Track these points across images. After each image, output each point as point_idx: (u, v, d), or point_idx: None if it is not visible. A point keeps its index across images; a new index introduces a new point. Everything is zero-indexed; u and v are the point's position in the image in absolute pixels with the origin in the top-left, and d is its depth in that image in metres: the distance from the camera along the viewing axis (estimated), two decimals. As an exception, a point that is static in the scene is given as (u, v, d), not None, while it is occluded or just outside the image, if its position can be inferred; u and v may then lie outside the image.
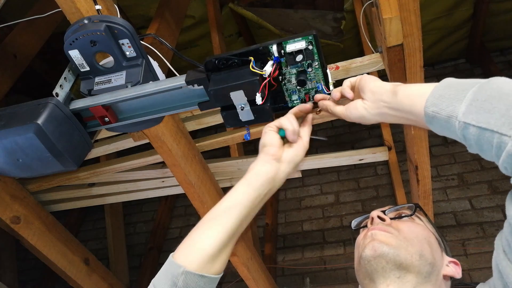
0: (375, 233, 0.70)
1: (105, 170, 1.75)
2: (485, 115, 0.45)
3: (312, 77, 0.76)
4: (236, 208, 0.63)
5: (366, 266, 0.68)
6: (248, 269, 1.70)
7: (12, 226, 1.39)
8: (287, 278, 2.65)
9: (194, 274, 0.58)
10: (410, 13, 0.99)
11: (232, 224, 0.62)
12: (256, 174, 0.66)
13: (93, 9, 0.89)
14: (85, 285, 1.68)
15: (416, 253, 0.65)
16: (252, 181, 0.66)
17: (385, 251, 0.66)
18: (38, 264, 1.84)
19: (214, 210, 0.65)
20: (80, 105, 0.84)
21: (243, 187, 0.66)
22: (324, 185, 2.99)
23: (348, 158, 1.91)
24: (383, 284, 0.65)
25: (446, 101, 0.50)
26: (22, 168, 0.81)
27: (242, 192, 0.65)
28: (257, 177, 0.66)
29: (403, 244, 0.67)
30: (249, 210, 0.64)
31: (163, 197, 3.17)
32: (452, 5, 2.77)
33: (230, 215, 0.63)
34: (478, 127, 0.46)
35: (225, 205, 0.64)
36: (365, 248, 0.69)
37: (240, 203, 0.64)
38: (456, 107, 0.49)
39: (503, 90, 0.45)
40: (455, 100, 0.49)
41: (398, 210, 0.78)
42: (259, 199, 0.65)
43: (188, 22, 2.80)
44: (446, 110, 0.50)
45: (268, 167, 0.67)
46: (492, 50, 3.17)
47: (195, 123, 1.66)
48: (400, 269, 0.65)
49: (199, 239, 0.62)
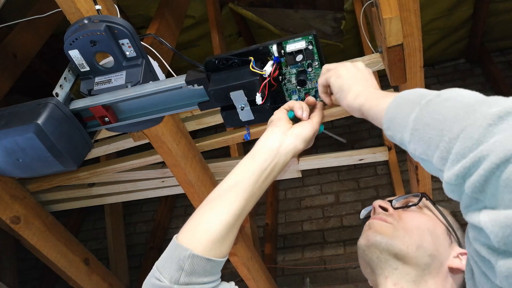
0: (372, 222, 0.69)
1: (105, 170, 1.75)
2: (423, 146, 0.43)
3: (312, 77, 0.76)
4: (240, 184, 0.61)
5: (362, 255, 0.67)
6: (248, 269, 1.70)
7: (12, 226, 1.39)
8: (287, 278, 2.65)
9: (201, 258, 0.56)
10: (410, 13, 0.99)
11: (238, 203, 0.60)
12: (259, 147, 0.65)
13: (93, 9, 0.89)
14: (85, 285, 1.68)
15: (413, 244, 0.64)
16: (256, 154, 0.64)
17: (378, 240, 0.65)
18: (38, 264, 1.84)
19: (218, 189, 0.63)
20: (80, 105, 0.84)
21: (247, 161, 0.64)
22: (324, 185, 2.99)
23: (348, 158, 1.91)
24: (382, 275, 0.64)
25: (395, 127, 0.49)
26: (22, 168, 0.81)
27: (246, 167, 0.63)
28: (261, 149, 0.64)
29: (399, 234, 0.65)
30: (255, 187, 0.62)
31: (163, 197, 3.16)
32: (452, 5, 2.78)
33: (236, 193, 0.61)
34: (420, 158, 0.45)
35: (230, 182, 0.63)
36: (360, 237, 0.68)
37: (245, 179, 0.62)
38: (403, 135, 0.47)
39: (438, 114, 0.42)
40: (402, 126, 0.47)
41: (406, 199, 0.76)
42: (265, 174, 0.63)
43: (188, 22, 2.80)
44: (397, 136, 0.49)
45: (272, 139, 0.65)
46: (492, 50, 3.17)
47: (195, 123, 1.66)
48: (397, 260, 0.63)
49: (205, 220, 0.59)
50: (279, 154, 0.64)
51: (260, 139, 0.66)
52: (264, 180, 0.63)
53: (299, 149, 0.66)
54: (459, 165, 0.37)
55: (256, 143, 0.66)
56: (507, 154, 0.33)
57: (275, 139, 0.65)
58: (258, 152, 0.64)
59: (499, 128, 0.35)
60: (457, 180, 0.38)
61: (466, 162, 0.36)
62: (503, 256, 0.33)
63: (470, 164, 0.36)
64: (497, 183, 0.34)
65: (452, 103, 0.41)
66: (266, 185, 0.64)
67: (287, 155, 0.65)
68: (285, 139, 0.65)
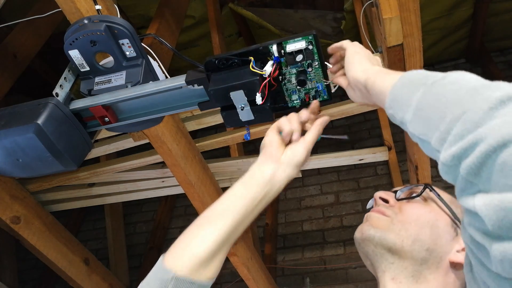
0: (369, 215, 0.68)
1: (105, 170, 1.75)
2: (424, 126, 0.43)
3: (312, 77, 0.76)
4: (231, 211, 0.62)
5: (359, 248, 0.66)
6: (248, 269, 1.70)
7: (12, 226, 1.39)
8: (287, 278, 2.65)
9: (184, 280, 0.56)
10: (410, 13, 0.99)
11: (227, 228, 0.61)
12: (252, 175, 0.65)
13: (93, 9, 0.89)
14: (85, 285, 1.68)
15: (409, 238, 0.62)
16: (248, 183, 0.64)
17: (372, 234, 0.63)
18: (38, 264, 1.84)
19: (208, 212, 0.63)
20: (80, 105, 0.84)
21: (238, 188, 0.64)
22: (324, 185, 2.99)
23: (348, 158, 1.91)
24: (379, 269, 0.64)
25: (398, 106, 0.49)
26: (22, 168, 0.81)
27: (238, 194, 0.63)
28: (253, 178, 0.64)
29: (395, 227, 0.63)
30: (245, 214, 0.62)
31: (163, 197, 3.17)
32: (452, 5, 2.78)
33: (225, 218, 0.61)
34: (419, 138, 0.45)
35: (220, 207, 0.63)
36: (356, 230, 0.67)
37: (235, 206, 0.62)
38: (405, 114, 0.47)
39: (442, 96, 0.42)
40: (405, 105, 0.47)
41: (410, 190, 0.73)
42: (255, 202, 0.63)
43: (188, 22, 2.80)
44: (398, 115, 0.49)
45: (264, 168, 0.65)
46: (492, 50, 3.17)
47: (195, 123, 1.66)
48: (392, 254, 0.62)
49: (192, 242, 0.60)
50: (272, 184, 0.65)
51: (254, 166, 0.66)
52: (255, 207, 0.64)
53: (292, 176, 0.67)
54: (456, 146, 0.37)
55: (250, 169, 0.66)
56: (505, 138, 0.33)
57: (267, 169, 0.65)
58: (250, 181, 0.64)
59: (499, 112, 0.35)
60: (453, 161, 0.38)
61: (463, 144, 0.36)
62: (497, 240, 0.33)
63: (467, 146, 0.36)
64: (493, 166, 0.33)
65: (457, 86, 0.42)
66: (258, 211, 0.65)
67: (280, 184, 0.66)
68: (278, 169, 0.65)
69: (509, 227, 0.32)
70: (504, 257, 0.32)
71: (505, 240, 0.32)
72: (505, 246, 0.32)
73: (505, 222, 0.32)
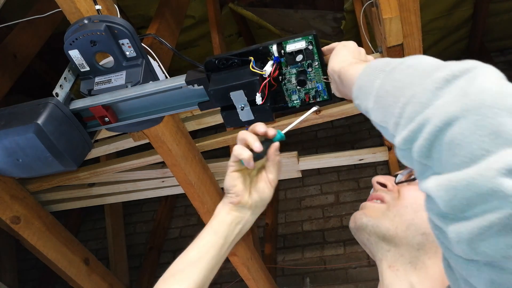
0: (365, 204, 0.67)
1: (105, 170, 1.75)
2: (383, 113, 0.43)
3: (312, 77, 0.76)
4: (203, 259, 0.61)
5: (355, 237, 0.66)
6: (248, 269, 1.70)
7: (12, 226, 1.39)
8: (287, 278, 2.65)
9: None
10: (410, 13, 0.99)
11: (200, 277, 0.60)
12: (221, 222, 0.64)
13: (93, 9, 0.89)
14: (85, 285, 1.68)
15: (403, 223, 0.60)
16: (219, 230, 0.64)
17: (364, 223, 0.63)
18: (38, 264, 1.84)
19: (180, 262, 0.62)
20: (80, 105, 0.84)
21: (209, 235, 0.63)
22: (324, 185, 2.99)
23: (348, 158, 1.91)
24: (377, 257, 0.63)
25: (362, 95, 0.48)
26: (22, 168, 0.81)
27: (208, 241, 0.63)
28: (223, 225, 0.64)
29: (390, 214, 0.62)
30: (218, 259, 0.63)
31: (163, 197, 3.16)
32: (452, 5, 2.77)
33: (198, 268, 0.61)
34: (380, 126, 0.44)
35: (192, 257, 0.62)
36: (350, 219, 0.67)
37: (207, 254, 0.62)
38: (368, 103, 0.46)
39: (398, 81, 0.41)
40: (367, 94, 0.46)
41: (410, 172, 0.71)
42: (227, 245, 0.64)
43: (188, 22, 2.80)
44: (363, 104, 0.48)
45: (233, 214, 0.65)
46: (492, 50, 3.17)
47: (195, 123, 1.66)
48: (387, 242, 0.61)
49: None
50: (242, 226, 0.65)
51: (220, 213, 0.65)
52: (227, 249, 0.64)
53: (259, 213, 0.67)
54: (407, 129, 0.36)
55: (217, 215, 0.65)
56: (449, 116, 0.32)
57: (236, 215, 0.65)
58: (220, 227, 0.64)
59: (444, 91, 0.35)
60: (405, 144, 0.37)
61: (412, 126, 0.36)
62: (452, 221, 0.32)
63: (416, 128, 0.35)
64: (441, 146, 0.33)
65: (412, 70, 0.41)
66: (230, 250, 0.65)
67: (251, 224, 0.66)
68: (247, 213, 0.66)
69: (460, 207, 0.31)
70: (460, 238, 0.31)
71: (459, 221, 0.31)
72: (459, 226, 0.31)
73: (455, 202, 0.31)
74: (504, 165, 0.28)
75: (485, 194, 0.29)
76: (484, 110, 0.31)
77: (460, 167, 0.31)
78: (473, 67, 0.35)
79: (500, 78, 0.34)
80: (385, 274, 0.61)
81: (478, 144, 0.30)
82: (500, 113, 0.30)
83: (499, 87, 0.33)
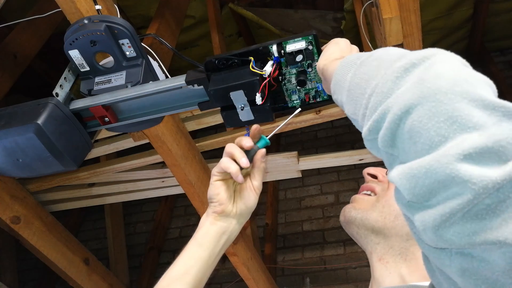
0: (354, 197, 0.68)
1: (105, 170, 1.75)
2: (353, 106, 0.43)
3: (312, 77, 0.76)
4: (188, 274, 0.61)
5: (346, 231, 0.66)
6: (248, 269, 1.70)
7: (12, 226, 1.39)
8: (287, 278, 2.65)
9: None
10: (410, 13, 0.99)
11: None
12: (206, 233, 0.64)
13: (93, 9, 0.89)
14: (85, 285, 1.68)
15: (391, 213, 0.60)
16: (203, 242, 0.63)
17: (353, 216, 0.63)
18: (38, 264, 1.84)
19: (166, 277, 0.62)
20: (80, 105, 0.84)
21: (194, 248, 0.63)
22: (324, 185, 2.99)
23: (348, 158, 1.91)
24: (367, 251, 0.63)
25: (338, 89, 0.48)
26: (22, 168, 0.81)
27: (194, 254, 0.62)
28: (208, 237, 0.63)
29: (378, 205, 0.62)
30: (204, 271, 0.62)
31: (163, 197, 3.16)
32: (452, 5, 2.77)
33: (183, 282, 0.60)
34: (352, 119, 0.45)
35: (178, 271, 0.61)
36: (340, 213, 0.67)
37: (192, 267, 0.61)
38: (342, 97, 0.46)
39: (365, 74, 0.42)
40: (341, 87, 0.47)
41: None
42: (213, 257, 0.63)
43: (188, 22, 2.80)
44: (339, 98, 0.48)
45: (218, 225, 0.64)
46: (492, 50, 3.17)
47: (195, 123, 1.66)
48: (377, 235, 0.61)
49: None
50: (228, 236, 0.65)
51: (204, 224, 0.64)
52: (214, 260, 0.64)
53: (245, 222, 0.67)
54: (371, 119, 0.37)
55: (201, 226, 0.64)
56: (407, 104, 0.32)
57: (221, 226, 0.64)
58: (205, 240, 0.63)
59: (404, 80, 0.35)
60: (370, 135, 0.37)
61: (376, 116, 0.36)
62: (417, 210, 0.31)
63: (379, 118, 0.35)
64: (403, 135, 0.33)
65: (378, 62, 0.41)
66: (218, 260, 0.65)
67: (237, 233, 0.66)
68: (232, 222, 0.65)
69: (422, 194, 0.30)
70: (425, 226, 0.31)
71: (423, 209, 0.31)
72: (423, 214, 0.31)
73: (418, 190, 0.30)
74: (460, 150, 0.28)
75: (444, 181, 0.29)
76: (440, 96, 0.31)
77: (420, 155, 0.31)
78: (431, 55, 0.35)
79: (459, 64, 0.34)
80: (376, 267, 0.61)
81: (435, 130, 0.30)
82: (455, 98, 0.30)
83: (456, 72, 0.33)
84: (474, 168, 0.28)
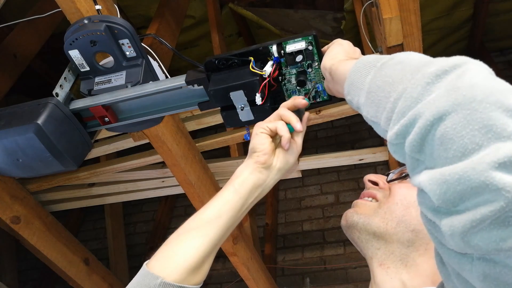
0: (356, 202, 0.68)
1: (105, 170, 1.75)
2: (374, 108, 0.43)
3: (312, 78, 0.76)
4: (221, 218, 0.60)
5: (347, 235, 0.66)
6: (248, 269, 1.70)
7: (12, 226, 1.39)
8: (287, 278, 2.65)
9: (173, 286, 0.55)
10: (410, 13, 0.99)
11: (216, 235, 0.60)
12: (243, 181, 0.63)
13: (93, 9, 0.89)
14: (85, 285, 1.68)
15: (393, 220, 0.61)
16: (239, 189, 0.62)
17: (355, 220, 0.63)
18: (38, 264, 1.84)
19: (196, 218, 0.61)
20: (80, 105, 0.84)
21: (229, 194, 0.62)
22: (324, 185, 2.99)
23: (348, 158, 1.91)
24: (367, 256, 0.63)
25: (354, 90, 0.49)
26: (22, 168, 0.81)
27: (228, 200, 0.62)
28: (245, 185, 0.63)
29: (381, 211, 0.63)
30: (235, 219, 0.62)
31: (163, 197, 3.16)
32: (452, 5, 2.77)
33: (215, 226, 0.60)
34: (372, 121, 0.45)
35: (210, 214, 0.61)
36: (342, 217, 0.67)
37: (226, 213, 0.61)
38: (360, 98, 0.47)
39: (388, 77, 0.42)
40: (359, 89, 0.47)
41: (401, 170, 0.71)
42: (245, 207, 0.63)
43: (188, 22, 2.80)
44: (355, 100, 0.49)
45: (256, 175, 0.63)
46: (492, 50, 3.17)
47: (195, 123, 1.66)
48: (378, 240, 0.61)
49: (180, 249, 0.59)
50: (262, 189, 0.64)
51: (243, 172, 0.63)
52: (244, 211, 0.63)
53: (278, 179, 0.67)
54: (399, 123, 0.37)
55: (239, 174, 0.64)
56: (440, 111, 0.33)
57: (259, 176, 0.63)
58: (241, 187, 0.63)
59: (435, 86, 0.35)
60: (397, 139, 0.38)
61: (404, 121, 0.36)
62: (445, 215, 0.32)
63: (408, 123, 0.36)
64: (433, 141, 0.33)
65: (402, 66, 0.42)
66: (246, 213, 0.64)
67: (271, 187, 0.66)
68: (269, 175, 0.64)
69: (453, 200, 0.31)
70: (453, 231, 0.31)
71: (452, 214, 0.32)
72: (452, 220, 0.31)
73: (448, 195, 0.31)
74: (495, 158, 0.29)
75: (477, 188, 0.29)
76: (475, 105, 0.31)
77: (452, 161, 0.31)
78: (463, 63, 0.36)
79: (489, 73, 0.35)
80: (376, 272, 0.61)
81: (470, 138, 0.31)
82: (490, 107, 0.31)
83: (489, 82, 0.33)
84: (508, 177, 0.28)
